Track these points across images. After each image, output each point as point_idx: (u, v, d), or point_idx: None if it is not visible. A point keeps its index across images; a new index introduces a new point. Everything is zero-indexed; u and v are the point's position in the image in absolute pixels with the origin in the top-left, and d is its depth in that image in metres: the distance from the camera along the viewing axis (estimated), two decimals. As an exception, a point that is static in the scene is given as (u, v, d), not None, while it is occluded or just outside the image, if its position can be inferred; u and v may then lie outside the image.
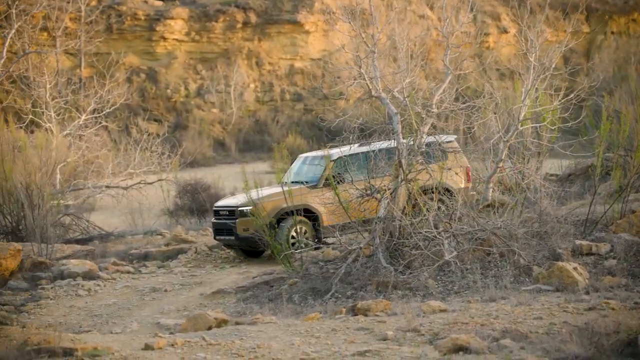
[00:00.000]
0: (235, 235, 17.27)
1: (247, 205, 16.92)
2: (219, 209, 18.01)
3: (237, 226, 17.21)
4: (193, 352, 9.08)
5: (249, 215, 16.78)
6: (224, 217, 17.68)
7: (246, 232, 17.03)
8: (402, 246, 14.64)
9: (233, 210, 17.46)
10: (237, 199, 17.82)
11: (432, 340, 10.04)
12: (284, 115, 46.54)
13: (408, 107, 15.18)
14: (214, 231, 18.08)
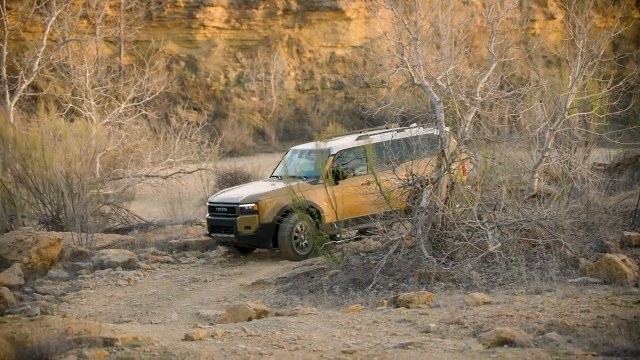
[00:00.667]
0: (236, 233, 16.70)
1: (249, 202, 16.55)
2: (215, 205, 17.24)
3: (237, 224, 16.64)
4: (233, 343, 9.12)
5: (250, 213, 16.50)
6: (221, 213, 17.00)
7: (247, 230, 16.61)
8: (445, 237, 14.58)
9: (233, 207, 16.82)
10: (236, 195, 17.17)
11: (476, 333, 9.99)
12: (324, 104, 46.51)
13: (451, 95, 15.09)
14: (208, 228, 17.31)
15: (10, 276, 15.79)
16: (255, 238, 16.65)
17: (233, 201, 16.82)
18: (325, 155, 16.92)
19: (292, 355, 8.35)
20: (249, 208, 16.52)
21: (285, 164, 17.84)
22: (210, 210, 17.23)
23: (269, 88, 46.40)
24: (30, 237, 17.03)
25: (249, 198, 16.52)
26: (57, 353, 8.26)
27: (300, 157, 17.80)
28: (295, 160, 17.81)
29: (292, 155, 18.02)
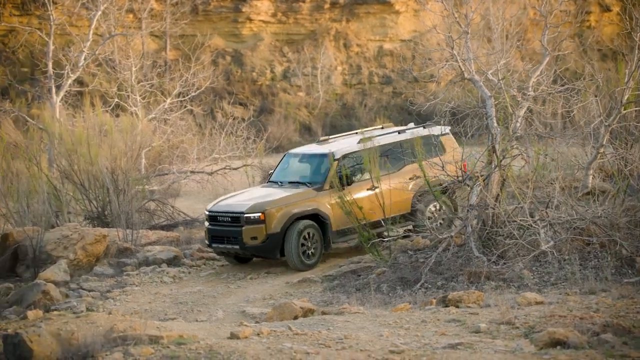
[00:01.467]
0: (241, 244, 15.93)
1: (255, 212, 15.86)
2: (216, 214, 16.39)
3: (243, 234, 15.87)
4: (279, 341, 9.16)
5: (257, 223, 15.82)
6: (224, 223, 16.18)
7: (254, 240, 15.88)
8: (495, 235, 14.48)
9: (237, 216, 16.00)
10: (239, 203, 16.32)
11: (528, 334, 9.91)
12: (372, 99, 46.45)
13: (503, 90, 14.98)
14: (209, 238, 16.46)
15: (56, 273, 16.02)
16: (262, 249, 15.99)
17: (237, 210, 16.05)
18: (330, 160, 16.34)
19: (339, 354, 8.35)
20: (255, 218, 15.83)
21: (283, 169, 17.22)
22: (210, 219, 16.40)
23: (315, 83, 46.45)
24: (76, 233, 17.25)
25: (255, 207, 15.88)
26: (102, 350, 8.36)
27: (301, 161, 17.11)
28: (295, 165, 17.14)
29: (291, 160, 17.33)
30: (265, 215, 15.76)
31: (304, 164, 16.99)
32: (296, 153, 17.48)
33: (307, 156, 17.09)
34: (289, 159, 17.36)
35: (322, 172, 16.33)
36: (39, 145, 24.34)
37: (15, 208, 20.20)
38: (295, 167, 17.08)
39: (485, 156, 15.12)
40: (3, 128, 23.90)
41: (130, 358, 8.15)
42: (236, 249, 16.06)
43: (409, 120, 41.14)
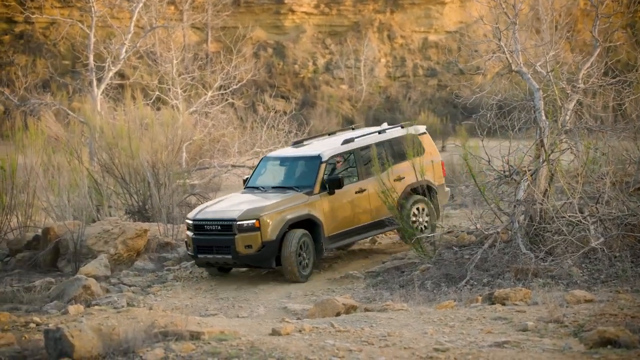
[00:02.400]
0: (234, 253, 15.03)
1: (249, 218, 14.99)
2: (203, 222, 15.41)
3: (236, 243, 14.99)
4: (321, 338, 9.16)
5: (251, 230, 14.96)
6: (212, 232, 15.27)
7: (248, 249, 15.00)
8: (543, 231, 14.37)
9: (229, 224, 15.11)
10: (229, 209, 15.48)
11: (577, 333, 9.82)
12: (416, 92, 46.30)
13: (551, 82, 14.84)
14: (193, 249, 15.42)
15: (97, 267, 16.18)
16: (257, 258, 15.11)
17: (228, 217, 15.17)
18: (316, 163, 15.71)
19: (382, 352, 8.33)
20: (249, 225, 14.97)
21: (262, 173, 16.39)
22: (196, 228, 15.42)
23: (358, 75, 46.42)
24: (117, 227, 17.40)
25: (248, 213, 15.03)
26: (144, 346, 8.43)
27: (284, 165, 16.27)
28: (277, 169, 16.32)
29: (269, 164, 16.49)
30: (260, 222, 14.97)
31: (287, 167, 16.18)
32: (276, 157, 16.66)
33: (291, 159, 16.25)
34: (267, 163, 16.52)
35: (310, 176, 15.66)
36: (80, 138, 24.60)
37: (56, 202, 20.44)
38: (277, 171, 16.26)
39: (533, 150, 15.00)
40: (44, 121, 24.19)
41: (172, 354, 8.20)
42: (227, 259, 15.19)
43: (454, 114, 40.96)
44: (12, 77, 34.69)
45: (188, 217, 15.74)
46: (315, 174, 15.60)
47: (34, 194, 20.53)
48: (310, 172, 15.71)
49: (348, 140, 16.06)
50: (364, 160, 16.12)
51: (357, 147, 16.16)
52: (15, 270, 17.16)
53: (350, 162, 16.16)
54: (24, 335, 9.62)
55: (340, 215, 15.77)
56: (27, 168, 20.84)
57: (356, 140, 16.24)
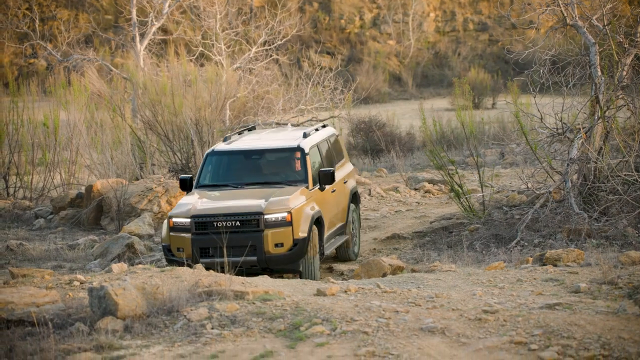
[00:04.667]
0: (261, 254, 12.76)
1: (280, 211, 12.85)
2: (212, 219, 12.90)
3: (265, 241, 12.75)
4: (367, 299, 9.18)
5: (282, 225, 12.85)
6: (227, 229, 12.81)
7: (279, 248, 12.81)
8: (597, 191, 14.21)
9: (254, 219, 12.82)
10: (240, 202, 13.24)
11: (632, 295, 9.73)
12: (466, 47, 45.81)
13: (608, 36, 14.57)
14: (195, 252, 12.86)
15: (140, 226, 16.32)
16: (287, 259, 12.87)
17: (252, 210, 12.89)
18: (300, 155, 13.85)
19: (430, 313, 8.33)
20: (279, 219, 12.83)
21: (218, 169, 14.16)
22: (198, 227, 12.88)
23: (406, 30, 46.01)
24: (160, 186, 17.52)
25: (277, 205, 12.92)
26: (188, 305, 8.51)
27: (252, 158, 14.17)
28: (243, 164, 14.17)
29: (227, 159, 14.20)
30: (292, 215, 12.87)
31: (261, 161, 14.19)
32: (240, 150, 14.21)
33: (263, 152, 14.16)
34: (223, 158, 14.16)
35: (298, 169, 13.84)
36: (122, 95, 24.75)
37: (99, 159, 20.63)
38: (246, 165, 14.16)
39: (588, 107, 14.80)
40: (87, 77, 24.33)
41: (216, 314, 8.27)
42: (251, 261, 12.79)
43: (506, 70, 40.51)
44: (55, 32, 34.94)
45: (178, 215, 13.01)
46: (304, 167, 13.71)
47: (77, 151, 20.75)
48: (293, 166, 13.88)
49: (307, 135, 14.24)
50: (325, 157, 14.44)
51: (318, 141, 14.46)
52: (59, 228, 17.40)
53: (328, 154, 14.59)
54: (68, 293, 9.76)
55: (330, 214, 13.98)
56: (70, 125, 21.06)
57: (311, 135, 14.48)
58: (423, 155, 25.53)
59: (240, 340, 7.72)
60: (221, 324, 8.08)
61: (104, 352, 7.56)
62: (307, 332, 7.76)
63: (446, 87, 41.42)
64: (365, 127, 27.07)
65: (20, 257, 14.73)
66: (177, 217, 13.02)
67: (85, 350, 7.61)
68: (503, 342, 7.47)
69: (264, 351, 7.41)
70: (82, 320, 8.37)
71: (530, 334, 7.59)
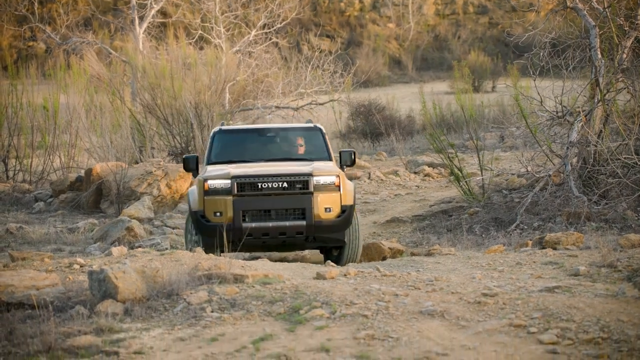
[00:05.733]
0: (311, 218, 11.96)
1: (328, 174, 12.16)
2: (257, 179, 12.07)
3: (314, 204, 11.98)
4: (366, 282, 9.19)
5: (332, 190, 12.10)
6: (273, 192, 12.01)
7: (328, 214, 12.05)
8: (597, 174, 14.21)
9: (303, 180, 12.05)
10: (291, 167, 12.45)
11: (631, 277, 9.73)
12: (466, 30, 45.71)
13: (608, 18, 14.54)
14: (236, 216, 11.95)
15: (140, 209, 16.32)
16: (335, 226, 12.12)
17: (300, 172, 12.13)
18: (319, 135, 13.42)
19: (429, 296, 8.34)
20: (329, 183, 12.09)
21: (230, 146, 13.42)
22: (240, 188, 12.00)
23: (406, 13, 45.90)
24: (160, 169, 17.52)
25: (325, 169, 12.28)
26: (187, 288, 8.51)
27: (267, 136, 13.60)
28: (259, 141, 13.55)
29: (237, 137, 13.64)
30: (340, 180, 12.18)
31: (280, 139, 13.61)
32: (253, 128, 14.10)
33: (281, 130, 13.79)
34: (233, 136, 13.61)
35: (321, 148, 13.28)
36: (122, 78, 24.72)
37: (98, 143, 20.62)
38: (263, 143, 13.55)
39: (588, 90, 14.78)
40: (86, 60, 24.30)
41: (215, 297, 8.28)
42: (298, 226, 12.00)
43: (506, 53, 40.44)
44: (54, 15, 34.84)
45: (215, 177, 12.12)
46: (325, 146, 13.24)
47: (77, 134, 20.74)
48: (315, 145, 13.34)
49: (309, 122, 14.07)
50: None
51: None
52: (59, 211, 17.40)
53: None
54: (68, 276, 9.77)
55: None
56: (69, 108, 21.04)
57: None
58: (423, 139, 25.53)
59: (240, 323, 7.74)
60: (221, 307, 8.09)
61: (104, 335, 7.57)
62: (306, 315, 7.77)
63: (446, 70, 41.37)
64: (364, 111, 27.05)
65: (20, 241, 14.73)
66: (214, 179, 12.07)
67: (85, 333, 7.62)
68: (502, 325, 7.48)
69: (263, 334, 7.42)
70: (82, 303, 8.38)
71: (529, 317, 7.60)
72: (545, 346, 7.09)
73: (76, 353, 7.26)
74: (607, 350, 6.99)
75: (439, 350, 7.00)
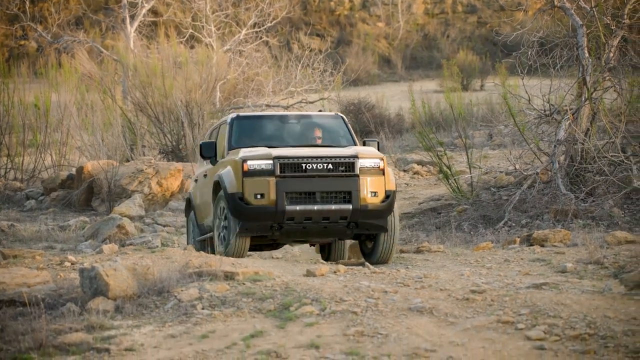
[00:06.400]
0: (357, 202, 11.16)
1: (373, 156, 11.46)
2: (301, 160, 11.26)
3: (361, 188, 11.19)
4: (356, 279, 9.20)
5: (376, 174, 11.37)
6: (318, 172, 11.23)
7: (374, 198, 11.30)
8: (584, 172, 14.25)
9: (349, 162, 11.27)
10: (333, 151, 11.63)
11: (617, 274, 9.77)
12: (455, 29, 45.75)
13: (595, 18, 14.57)
14: (280, 199, 11.09)
15: (131, 207, 16.30)
16: (380, 211, 11.35)
17: (346, 154, 11.41)
18: (341, 123, 12.69)
19: (418, 293, 8.35)
20: (374, 166, 11.39)
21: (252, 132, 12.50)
22: (282, 169, 11.18)
23: (395, 12, 45.91)
24: (151, 167, 17.50)
25: (369, 152, 11.56)
26: (178, 286, 8.50)
27: (289, 123, 12.70)
28: (282, 128, 12.65)
29: (259, 123, 12.73)
30: (384, 163, 11.49)
31: (302, 126, 12.75)
32: (275, 115, 13.20)
33: (303, 117, 12.88)
34: (258, 122, 12.76)
35: (346, 136, 12.54)
36: (113, 77, 24.67)
37: (90, 141, 20.58)
38: (286, 129, 12.63)
39: (575, 89, 14.81)
40: (77, 59, 24.24)
41: (206, 294, 8.27)
42: (344, 210, 11.18)
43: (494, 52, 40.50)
44: (45, 14, 34.74)
45: (255, 157, 11.27)
46: (350, 134, 12.53)
47: (68, 132, 20.69)
48: (339, 133, 12.61)
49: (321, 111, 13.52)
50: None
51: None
52: (50, 209, 17.36)
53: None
54: (59, 273, 9.75)
55: None
56: (60, 106, 20.99)
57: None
58: (412, 137, 25.55)
59: (230, 320, 7.73)
60: (211, 304, 8.09)
61: (95, 332, 7.56)
62: (296, 312, 7.77)
63: (435, 69, 41.39)
64: (354, 109, 27.05)
65: (12, 238, 14.70)
66: (253, 159, 11.20)
67: (76, 330, 7.60)
68: (490, 322, 7.49)
69: (254, 331, 7.42)
70: (73, 300, 8.36)
71: (517, 313, 7.62)
72: (533, 342, 7.11)
73: (67, 350, 7.25)
74: (593, 346, 7.01)
75: (427, 346, 7.01)
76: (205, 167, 12.86)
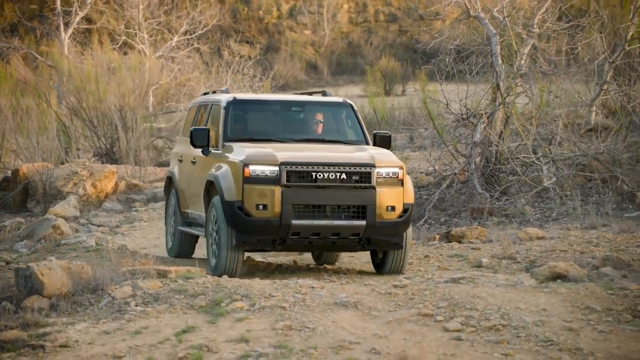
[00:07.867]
0: (373, 218, 9.66)
1: (391, 165, 9.87)
2: (310, 168, 9.68)
3: (377, 201, 9.68)
4: (284, 276, 9.19)
5: (394, 185, 9.84)
6: (329, 182, 9.63)
7: (391, 213, 9.80)
8: (498, 172, 14.45)
9: (365, 172, 9.71)
10: (346, 155, 10.04)
11: (529, 268, 9.94)
12: (377, 37, 46.04)
13: (508, 27, 14.80)
14: (285, 212, 9.56)
15: (66, 208, 16.05)
16: (396, 228, 9.87)
17: (361, 161, 9.79)
18: (350, 112, 11.04)
19: (344, 288, 8.39)
20: (391, 175, 9.82)
21: (243, 121, 10.78)
22: (289, 177, 9.58)
23: (321, 21, 46.01)
24: (85, 169, 17.26)
25: (387, 158, 9.97)
26: (112, 284, 8.40)
27: (287, 110, 11.04)
28: (278, 117, 10.95)
29: (257, 109, 10.96)
30: (404, 172, 9.96)
31: (303, 115, 11.08)
32: (269, 100, 11.13)
33: (308, 104, 11.16)
34: (251, 107, 10.97)
35: (356, 128, 10.96)
36: (48, 82, 24.24)
37: (25, 144, 20.19)
38: (283, 119, 10.98)
39: (490, 94, 15.02)
40: (12, 65, 23.77)
41: (139, 291, 8.19)
42: (357, 227, 9.67)
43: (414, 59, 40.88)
44: (-20, 22, 34.00)
45: (258, 161, 9.60)
46: (360, 126, 10.90)
47: (4, 136, 20.26)
48: (347, 124, 10.99)
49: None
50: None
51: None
52: (-14, 211, 17.00)
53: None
54: (-5, 274, 9.56)
55: None
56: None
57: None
58: (337, 139, 25.57)
59: (163, 316, 7.67)
60: (145, 302, 8.01)
61: (30, 330, 7.43)
62: (227, 308, 7.74)
63: (359, 75, 41.57)
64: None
65: (-52, 240, 14.34)
66: (256, 164, 9.52)
67: (11, 328, 7.46)
68: (411, 315, 7.56)
69: (186, 326, 7.37)
70: (8, 299, 8.20)
71: (436, 306, 7.70)
72: (451, 333, 7.19)
73: (2, 347, 7.11)
74: (507, 336, 7.12)
75: (352, 339, 7.05)
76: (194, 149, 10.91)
